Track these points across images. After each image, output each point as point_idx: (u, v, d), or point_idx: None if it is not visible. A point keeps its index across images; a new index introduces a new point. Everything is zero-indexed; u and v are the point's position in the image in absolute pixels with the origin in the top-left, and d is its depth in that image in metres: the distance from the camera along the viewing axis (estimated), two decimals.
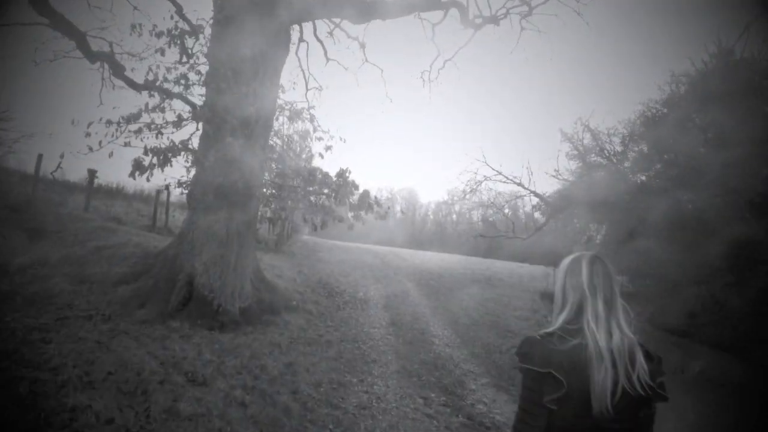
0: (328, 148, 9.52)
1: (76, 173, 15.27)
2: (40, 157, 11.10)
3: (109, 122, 7.43)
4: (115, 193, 16.02)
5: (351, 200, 7.35)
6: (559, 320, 1.78)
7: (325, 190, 7.65)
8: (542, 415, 1.66)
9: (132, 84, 9.19)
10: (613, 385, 1.60)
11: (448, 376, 6.95)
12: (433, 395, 6.10)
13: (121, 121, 7.48)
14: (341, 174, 7.29)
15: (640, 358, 1.64)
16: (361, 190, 7.70)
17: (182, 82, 8.24)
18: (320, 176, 7.50)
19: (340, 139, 9.57)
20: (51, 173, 9.94)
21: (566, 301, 1.79)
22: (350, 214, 7.63)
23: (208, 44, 8.19)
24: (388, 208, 7.74)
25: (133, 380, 4.56)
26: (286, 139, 10.05)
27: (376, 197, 7.60)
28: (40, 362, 4.52)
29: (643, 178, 16.13)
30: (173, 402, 4.36)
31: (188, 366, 5.28)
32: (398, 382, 6.38)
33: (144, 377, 4.67)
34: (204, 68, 8.35)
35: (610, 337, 1.66)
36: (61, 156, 7.54)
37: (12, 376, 4.18)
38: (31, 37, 9.86)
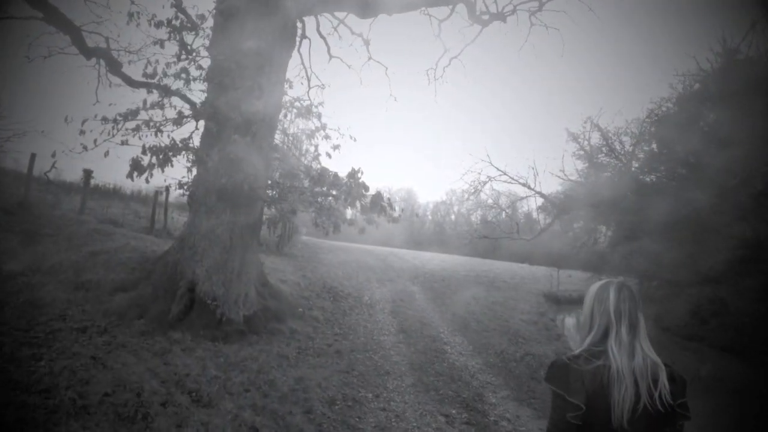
0: (335, 147, 9.10)
1: (71, 173, 14.81)
2: (33, 156, 10.65)
3: (105, 119, 6.99)
4: (111, 193, 15.54)
5: (363, 202, 6.91)
6: (586, 342, 1.89)
7: (334, 192, 7.21)
8: (567, 429, 1.79)
9: (129, 81, 8.75)
10: (634, 402, 1.72)
11: (466, 389, 6.57)
12: (453, 411, 5.70)
13: (118, 118, 7.04)
14: (352, 174, 6.86)
15: (663, 378, 1.76)
16: (370, 192, 7.29)
17: (183, 76, 7.79)
18: (330, 177, 7.06)
19: (351, 137, 9.19)
20: (45, 173, 9.46)
21: (593, 325, 1.90)
22: (362, 217, 7.20)
23: (210, 37, 7.75)
24: (402, 210, 7.31)
25: (133, 402, 4.14)
26: (291, 138, 9.62)
27: (389, 199, 7.17)
28: (30, 383, 4.10)
29: (653, 178, 15.81)
30: (177, 428, 3.95)
31: (192, 384, 4.86)
32: (416, 397, 5.99)
33: (144, 399, 4.25)
34: (206, 62, 7.91)
35: (632, 358, 1.78)
36: (53, 155, 7.07)
37: None
38: (24, 32, 9.42)
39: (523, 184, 18.20)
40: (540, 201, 19.61)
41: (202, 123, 7.70)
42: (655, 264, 13.37)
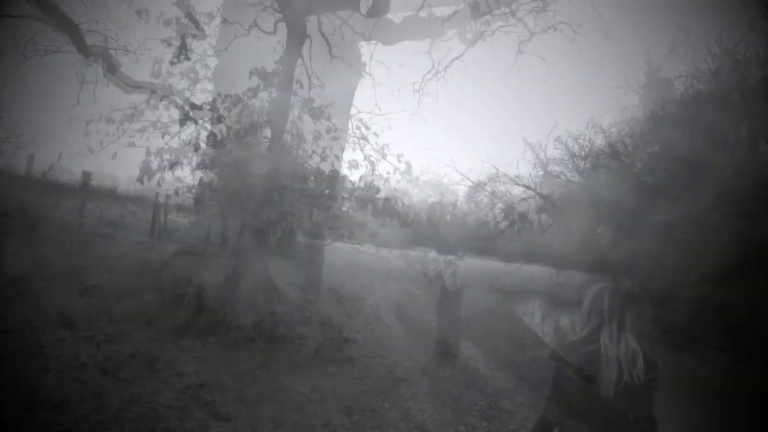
0: (343, 148, 8.96)
1: (66, 174, 14.53)
2: (31, 157, 10.39)
3: (110, 120, 6.81)
4: (107, 194, 15.26)
5: (375, 206, 6.76)
6: (583, 333, 2.36)
7: (345, 195, 7.06)
8: (570, 387, 2.26)
9: (128, 81, 8.58)
10: (618, 379, 2.19)
11: (481, 397, 6.43)
12: (473, 420, 5.57)
13: (123, 119, 6.86)
14: (365, 177, 6.72)
15: (640, 362, 2.22)
16: (380, 195, 7.15)
17: (191, 75, 7.61)
18: (341, 180, 6.91)
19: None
20: (43, 174, 9.25)
21: (590, 321, 2.36)
22: (373, 220, 7.05)
23: (218, 35, 7.57)
24: (415, 214, 7.19)
25: (149, 417, 3.97)
26: (299, 139, 9.41)
27: (402, 203, 7.03)
28: (40, 398, 3.90)
29: (655, 179, 15.81)
30: None
31: (207, 395, 4.69)
32: (433, 405, 5.84)
33: (161, 413, 4.07)
34: (212, 62, 7.74)
35: (618, 347, 2.23)
36: (59, 158, 6.90)
37: (8, 416, 3.57)
38: (20, 30, 9.19)
39: (524, 185, 18.15)
40: (540, 202, 19.63)
41: (208, 124, 7.53)
42: (656, 265, 13.37)
